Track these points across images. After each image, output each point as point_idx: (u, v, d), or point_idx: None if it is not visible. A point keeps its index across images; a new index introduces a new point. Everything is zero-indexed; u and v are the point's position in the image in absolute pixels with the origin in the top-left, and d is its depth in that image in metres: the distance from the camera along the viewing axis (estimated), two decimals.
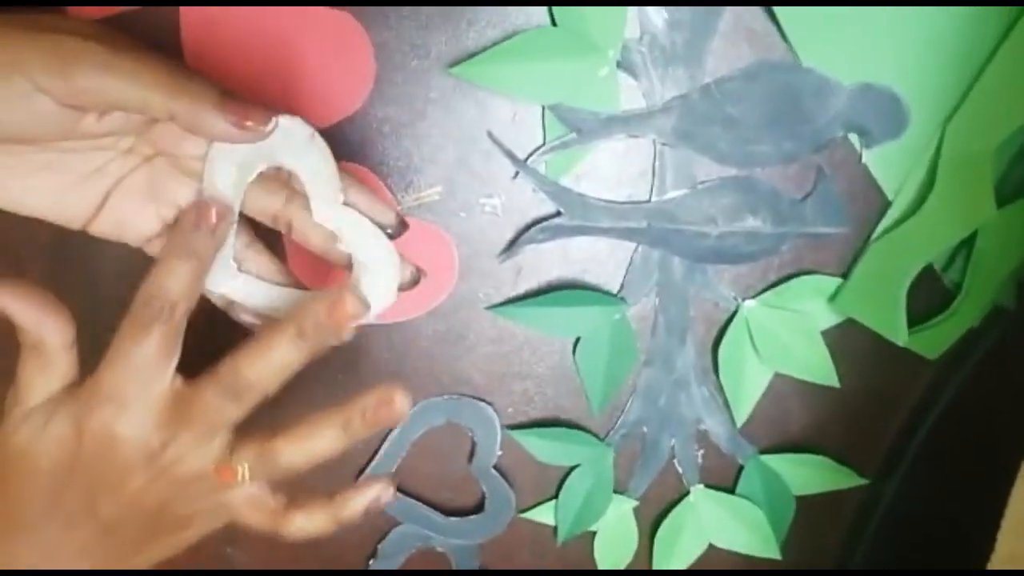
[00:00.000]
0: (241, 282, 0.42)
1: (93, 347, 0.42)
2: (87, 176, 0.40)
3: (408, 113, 0.47)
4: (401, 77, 0.46)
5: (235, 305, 0.42)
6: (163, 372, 0.38)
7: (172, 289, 0.37)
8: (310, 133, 0.39)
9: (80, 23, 0.37)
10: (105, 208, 0.40)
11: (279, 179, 0.42)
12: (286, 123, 0.39)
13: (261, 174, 0.40)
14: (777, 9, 0.46)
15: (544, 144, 0.48)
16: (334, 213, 0.41)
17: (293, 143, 0.39)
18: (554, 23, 0.46)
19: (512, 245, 0.49)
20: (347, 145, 0.47)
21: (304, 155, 0.40)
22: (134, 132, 0.39)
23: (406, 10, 0.45)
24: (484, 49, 0.46)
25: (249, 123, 0.37)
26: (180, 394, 0.38)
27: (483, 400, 0.52)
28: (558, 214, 0.49)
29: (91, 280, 0.49)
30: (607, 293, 0.50)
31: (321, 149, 0.40)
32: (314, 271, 0.47)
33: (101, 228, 0.41)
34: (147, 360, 0.37)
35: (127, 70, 0.35)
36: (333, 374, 0.51)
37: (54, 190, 0.39)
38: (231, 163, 0.40)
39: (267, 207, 0.42)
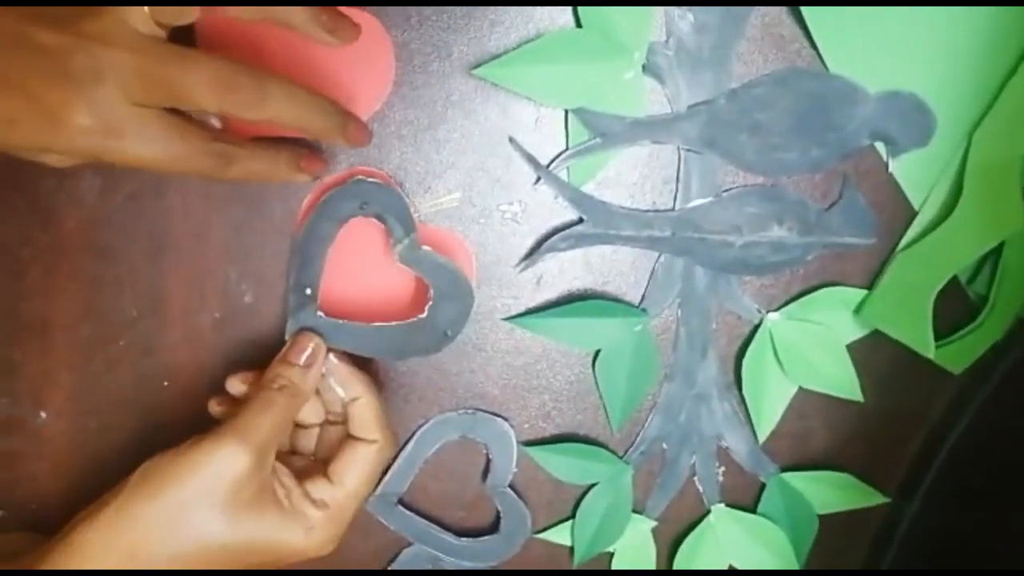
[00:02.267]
0: None
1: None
2: None
3: (428, 116, 0.46)
4: (422, 79, 0.45)
5: None
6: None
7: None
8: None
9: None
10: None
11: None
12: None
13: None
14: (805, 13, 0.45)
15: (567, 149, 0.46)
16: None
17: None
18: (579, 25, 0.45)
19: (532, 253, 0.48)
20: (365, 149, 0.45)
21: None
22: None
23: (429, 10, 0.44)
24: (507, 51, 0.45)
25: None
26: None
27: (499, 415, 0.50)
28: (580, 221, 0.47)
29: (91, 283, 0.47)
30: (629, 304, 0.49)
31: None
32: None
33: None
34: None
35: None
36: None
37: None
38: None
39: None
